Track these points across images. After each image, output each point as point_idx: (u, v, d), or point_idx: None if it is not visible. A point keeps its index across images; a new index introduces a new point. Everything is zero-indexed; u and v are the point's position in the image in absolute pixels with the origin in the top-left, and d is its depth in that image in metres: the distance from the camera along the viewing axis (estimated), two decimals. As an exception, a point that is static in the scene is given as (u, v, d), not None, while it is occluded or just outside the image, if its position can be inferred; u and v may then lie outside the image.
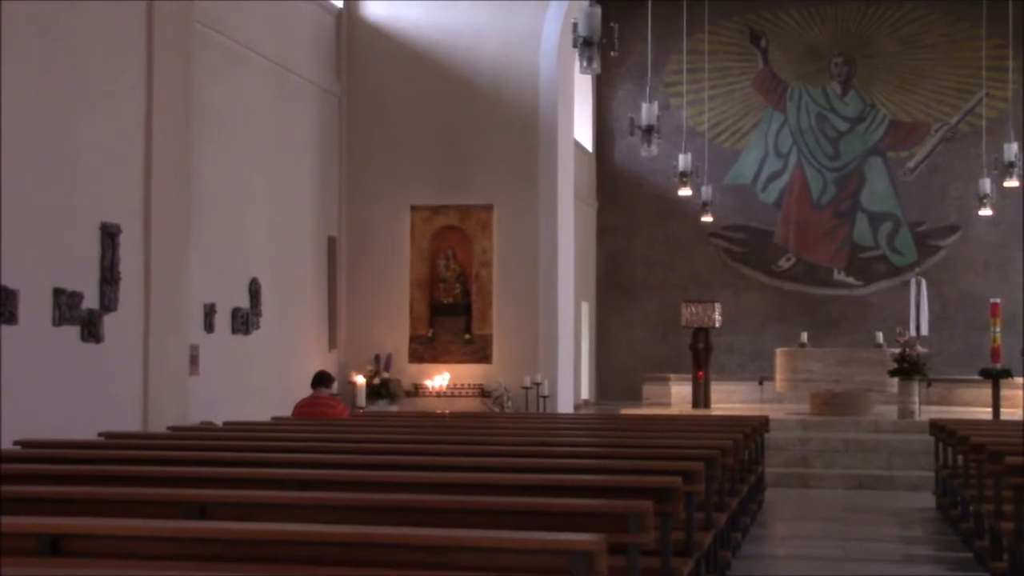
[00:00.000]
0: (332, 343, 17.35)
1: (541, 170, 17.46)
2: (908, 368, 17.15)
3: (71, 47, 10.56)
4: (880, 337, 19.77)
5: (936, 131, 23.94)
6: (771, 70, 24.47)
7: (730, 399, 20.64)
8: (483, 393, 17.26)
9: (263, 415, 12.53)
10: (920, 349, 17.47)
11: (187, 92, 12.44)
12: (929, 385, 19.12)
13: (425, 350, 17.61)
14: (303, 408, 12.13)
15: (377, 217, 17.77)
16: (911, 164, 24.03)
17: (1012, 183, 18.60)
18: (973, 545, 10.10)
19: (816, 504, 13.69)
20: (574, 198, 19.06)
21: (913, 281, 19.58)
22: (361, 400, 13.96)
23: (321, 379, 12.46)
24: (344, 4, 17.89)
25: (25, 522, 4.69)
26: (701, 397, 19.23)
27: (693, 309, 19.51)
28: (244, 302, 14.56)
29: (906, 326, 18.87)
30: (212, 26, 13.69)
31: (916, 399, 17.27)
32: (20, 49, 9.79)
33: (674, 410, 19.18)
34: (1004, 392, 17.35)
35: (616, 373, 24.41)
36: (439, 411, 15.29)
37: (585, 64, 9.78)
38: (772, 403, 20.12)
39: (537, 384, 16.95)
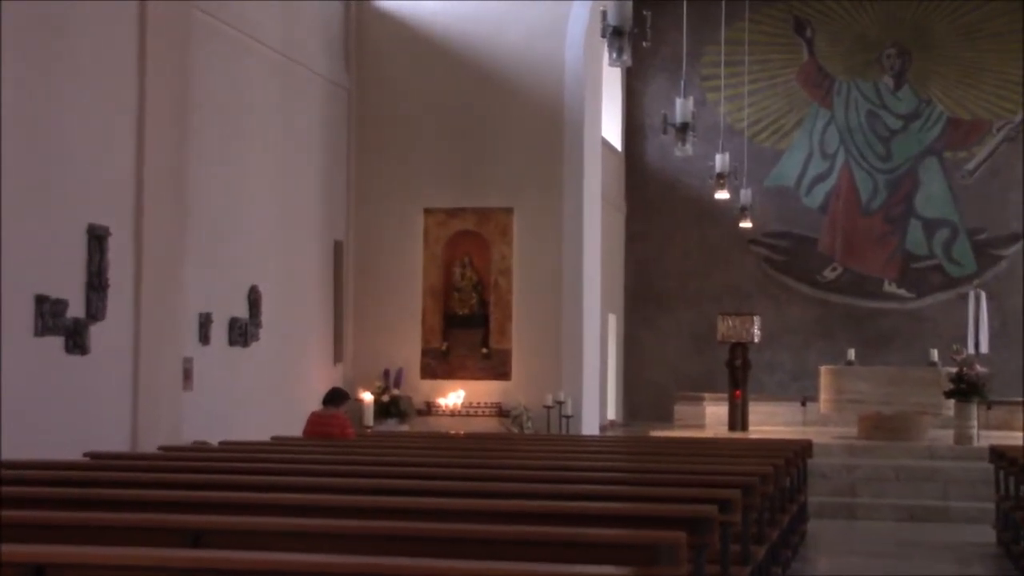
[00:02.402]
0: (338, 356, 17.38)
1: (565, 171, 17.46)
2: (966, 389, 17.07)
3: (58, 35, 10.62)
4: (935, 355, 19.67)
5: (998, 130, 23.84)
6: (817, 62, 24.41)
7: (770, 421, 20.57)
8: (501, 412, 17.26)
9: (262, 434, 12.56)
10: (979, 368, 17.38)
11: (183, 83, 12.50)
12: (989, 408, 19.02)
13: (438, 365, 17.62)
14: (312, 424, 12.42)
15: (387, 220, 17.80)
16: (970, 166, 23.93)
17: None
18: (1036, 584, 10.04)
19: (864, 537, 13.63)
20: (601, 201, 19.06)
21: (972, 294, 19.48)
22: (369, 419, 13.99)
23: (331, 397, 12.62)
24: (353, -11, 17.96)
25: (6, 550, 4.71)
26: (738, 419, 19.18)
27: (730, 323, 19.46)
28: (243, 311, 14.60)
29: (964, 343, 18.78)
30: (211, 12, 13.75)
31: (975, 423, 17.19)
32: (3, 38, 9.85)
33: (709, 433, 19.13)
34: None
35: (645, 392, 24.36)
36: (453, 432, 15.29)
37: (614, 56, 9.79)
38: (816, 426, 20.05)
39: (560, 403, 16.94)
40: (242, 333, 14.47)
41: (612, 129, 23.67)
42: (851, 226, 24.16)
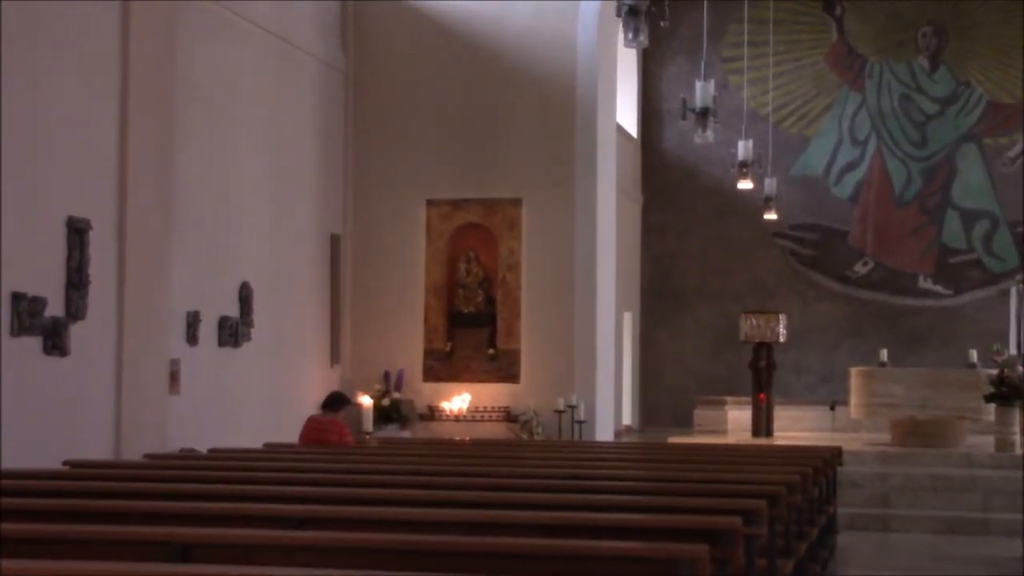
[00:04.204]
0: (335, 358, 17.39)
1: (578, 159, 17.45)
2: (1007, 392, 17.03)
3: (35, 16, 10.62)
4: (974, 356, 19.64)
5: (1041, 114, 23.79)
6: (847, 42, 24.37)
7: (796, 426, 20.55)
8: (509, 417, 17.26)
9: (254, 441, 12.56)
10: (1021, 370, 17.35)
11: (169, 66, 12.49)
12: (1032, 412, 18.98)
13: (442, 367, 17.62)
14: (308, 431, 12.45)
15: (387, 213, 17.80)
16: (1012, 153, 23.88)
17: None
18: (1083, 600, 10.02)
19: (898, 551, 13.62)
20: (616, 192, 19.05)
21: (1013, 290, 19.42)
22: (368, 424, 13.98)
23: (331, 401, 12.66)
24: (350, -35, 17.95)
25: (-20, 563, 4.71)
26: (763, 424, 19.15)
27: (754, 321, 19.44)
28: (233, 310, 14.61)
29: (1005, 343, 18.73)
30: (198, -9, 13.77)
31: (1017, 429, 17.14)
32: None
33: (731, 439, 19.12)
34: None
35: (663, 395, 24.35)
36: (458, 438, 15.30)
37: (630, 36, 9.77)
38: (846, 432, 20.02)
39: (572, 407, 16.93)
40: (232, 333, 14.47)
41: (627, 115, 23.65)
42: (883, 218, 24.12)
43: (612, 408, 19.01)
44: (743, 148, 17.68)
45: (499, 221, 17.60)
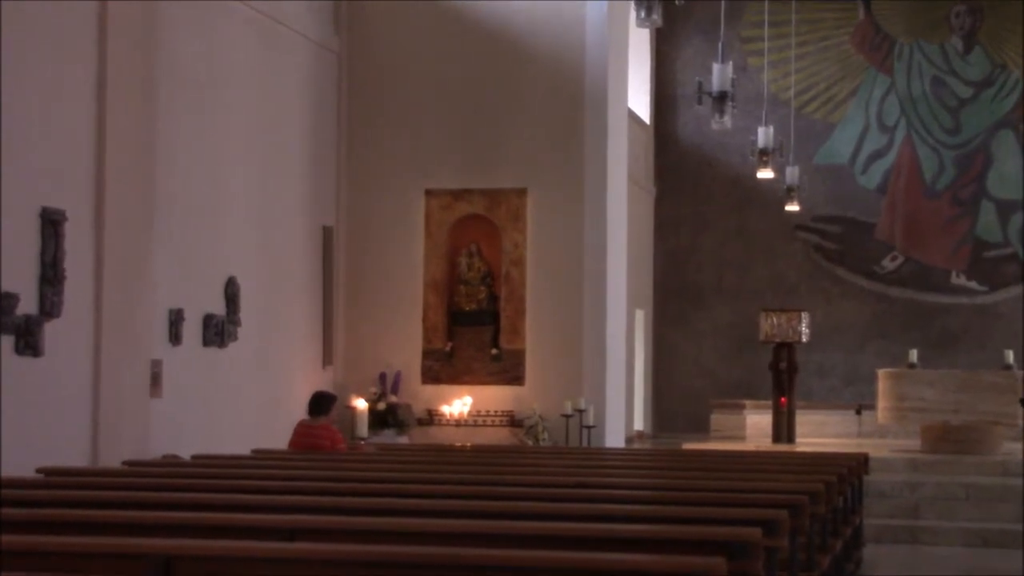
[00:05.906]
0: (327, 358, 17.40)
1: (587, 147, 17.45)
2: (1045, 396, 17.05)
3: (8, -8, 10.64)
4: (1010, 356, 19.63)
5: (1081, 99, 23.77)
6: (875, 22, 24.35)
7: (820, 432, 20.55)
8: (513, 422, 17.27)
9: (241, 447, 12.57)
10: (1060, 372, 17.37)
11: (150, 47, 12.49)
12: (1071, 417, 18.99)
13: (442, 368, 17.63)
14: (299, 436, 12.45)
15: (384, 203, 17.80)
16: (1050, 141, 23.87)
17: None
18: None
19: (929, 565, 13.61)
20: (628, 182, 19.04)
21: (1052, 287, 19.42)
22: (362, 430, 13.99)
23: (317, 404, 12.63)
24: (344, -61, 17.95)
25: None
26: (784, 429, 19.16)
27: (774, 320, 19.44)
28: (219, 307, 14.62)
29: (1043, 343, 18.73)
30: (181, -34, 13.77)
31: (1055, 435, 17.17)
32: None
33: (750, 445, 19.12)
34: None
35: (678, 399, 24.35)
36: (458, 444, 15.31)
37: (643, 15, 9.78)
38: (873, 438, 20.02)
39: (580, 412, 16.94)
40: (218, 332, 14.48)
41: (640, 99, 23.65)
42: (913, 209, 24.11)
43: (623, 412, 19.02)
44: (763, 135, 17.67)
45: (503, 213, 17.59)
